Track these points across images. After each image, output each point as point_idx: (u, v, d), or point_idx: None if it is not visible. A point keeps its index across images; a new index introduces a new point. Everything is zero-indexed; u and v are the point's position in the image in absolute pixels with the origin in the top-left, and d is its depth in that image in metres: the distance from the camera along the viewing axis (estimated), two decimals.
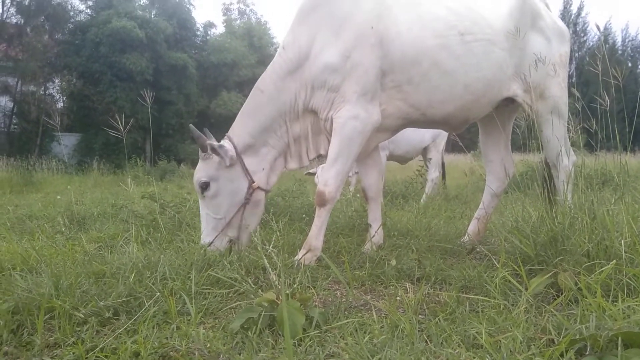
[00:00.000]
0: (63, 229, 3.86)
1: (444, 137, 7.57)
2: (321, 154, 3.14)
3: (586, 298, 1.80)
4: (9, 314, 1.91)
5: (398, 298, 2.25)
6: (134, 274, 2.31)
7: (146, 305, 2.03)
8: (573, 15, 43.75)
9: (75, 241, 3.40)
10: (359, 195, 4.99)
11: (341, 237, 3.39)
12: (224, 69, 26.29)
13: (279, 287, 2.00)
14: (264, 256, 2.24)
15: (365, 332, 1.80)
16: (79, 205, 5.53)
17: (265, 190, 3.12)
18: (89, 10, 24.31)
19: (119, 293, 2.11)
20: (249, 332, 1.80)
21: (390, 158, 7.16)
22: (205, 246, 2.89)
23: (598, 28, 3.35)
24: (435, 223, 4.04)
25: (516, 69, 3.20)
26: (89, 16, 23.91)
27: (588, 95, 3.17)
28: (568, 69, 3.56)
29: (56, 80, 25.68)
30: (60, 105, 26.30)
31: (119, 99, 21.47)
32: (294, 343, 1.73)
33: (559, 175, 3.32)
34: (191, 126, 3.11)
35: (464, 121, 3.28)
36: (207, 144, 2.95)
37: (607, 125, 2.63)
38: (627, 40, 45.76)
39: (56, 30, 23.93)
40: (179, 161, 18.88)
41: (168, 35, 23.46)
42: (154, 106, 21.21)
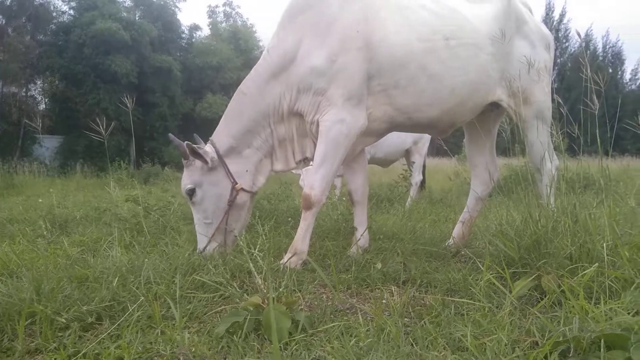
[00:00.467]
0: (45, 233, 3.78)
1: (426, 141, 7.55)
2: (307, 157, 3.14)
3: (569, 300, 1.82)
4: None
5: (384, 301, 2.25)
6: (117, 278, 2.27)
7: (130, 309, 2.01)
8: (555, 22, 44.55)
9: (57, 245, 3.34)
10: (344, 198, 5.00)
11: (327, 241, 3.39)
12: (209, 72, 26.13)
13: (265, 291, 1.99)
14: (249, 260, 2.23)
15: (351, 336, 1.80)
16: (61, 209, 5.44)
17: (250, 192, 3.11)
18: (72, 11, 24.00)
19: (102, 297, 2.08)
20: (235, 337, 1.79)
21: (371, 161, 7.03)
22: (200, 252, 2.91)
23: (579, 35, 3.42)
24: (420, 226, 4.07)
25: (501, 73, 3.24)
26: (72, 17, 23.59)
27: (570, 100, 3.22)
28: (551, 75, 3.61)
29: (38, 82, 25.29)
30: (42, 107, 25.92)
31: (103, 101, 21.21)
32: (280, 347, 1.73)
33: (542, 179, 3.37)
34: (170, 135, 3.11)
35: (451, 125, 3.30)
36: (186, 144, 2.93)
37: (588, 130, 2.67)
38: (608, 46, 46.90)
39: (38, 31, 23.58)
40: (163, 164, 18.68)
41: (153, 38, 23.26)
42: (138, 109, 21.05)
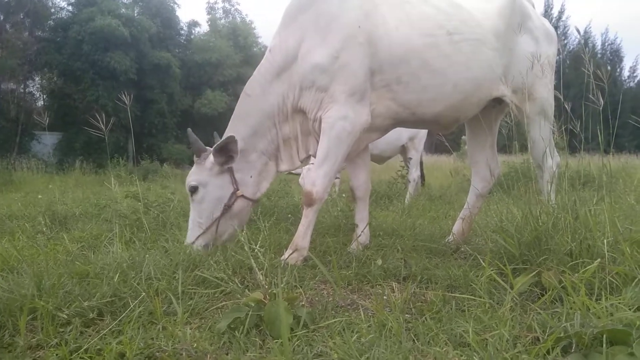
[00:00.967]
0: (44, 229, 3.79)
1: (422, 137, 7.52)
2: (311, 154, 3.14)
3: (570, 296, 1.83)
4: None
5: (385, 297, 2.25)
6: (118, 274, 2.27)
7: (131, 305, 2.01)
8: (554, 19, 44.48)
9: (57, 241, 3.34)
10: (344, 195, 5.00)
11: (327, 237, 3.39)
12: (208, 68, 26.07)
13: (266, 287, 1.99)
14: (250, 256, 2.23)
15: (352, 331, 1.80)
16: (60, 205, 5.43)
17: (251, 199, 3.11)
18: (70, 7, 23.90)
19: (103, 293, 2.08)
20: (236, 332, 1.79)
21: None
22: (188, 246, 2.90)
23: (578, 31, 3.44)
24: (420, 223, 4.07)
25: (505, 69, 3.22)
26: (71, 13, 23.49)
27: (569, 97, 3.21)
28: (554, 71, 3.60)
29: (36, 78, 25.18)
30: (41, 103, 25.86)
31: (101, 98, 21.13)
32: (282, 343, 1.73)
33: (543, 175, 3.37)
34: (189, 130, 3.12)
35: (454, 120, 3.29)
36: (215, 145, 2.94)
37: (588, 127, 2.67)
38: (607, 43, 46.85)
39: (37, 27, 23.44)
40: (162, 161, 18.67)
41: (152, 34, 23.19)
42: (137, 105, 20.99)
